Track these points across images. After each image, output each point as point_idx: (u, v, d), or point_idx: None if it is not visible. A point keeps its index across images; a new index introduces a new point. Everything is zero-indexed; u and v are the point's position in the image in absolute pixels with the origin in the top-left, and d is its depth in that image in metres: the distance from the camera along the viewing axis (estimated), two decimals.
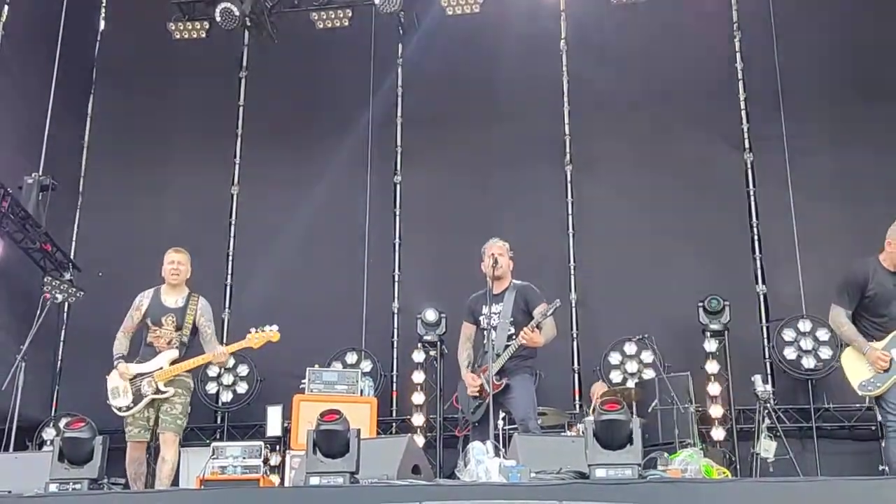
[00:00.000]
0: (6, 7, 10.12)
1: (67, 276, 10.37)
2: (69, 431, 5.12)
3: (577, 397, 10.02)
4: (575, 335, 10.27)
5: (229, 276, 11.13)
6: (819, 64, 10.53)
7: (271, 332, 7.31)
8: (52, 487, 5.02)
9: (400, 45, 11.62)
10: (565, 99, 11.04)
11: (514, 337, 6.46)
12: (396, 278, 10.90)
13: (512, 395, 6.42)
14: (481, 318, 6.66)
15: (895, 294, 6.05)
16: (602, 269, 10.50)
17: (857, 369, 6.11)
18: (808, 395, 9.47)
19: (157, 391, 6.90)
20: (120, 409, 6.96)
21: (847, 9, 10.51)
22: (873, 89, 10.21)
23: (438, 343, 9.89)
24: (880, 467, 7.64)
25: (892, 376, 5.95)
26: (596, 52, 11.07)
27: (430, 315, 9.92)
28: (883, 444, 7.30)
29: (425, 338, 9.93)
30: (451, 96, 11.21)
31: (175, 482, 9.61)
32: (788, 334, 9.54)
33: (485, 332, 6.55)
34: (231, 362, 10.13)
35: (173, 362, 6.95)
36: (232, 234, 11.29)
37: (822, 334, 9.33)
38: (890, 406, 5.95)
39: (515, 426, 6.65)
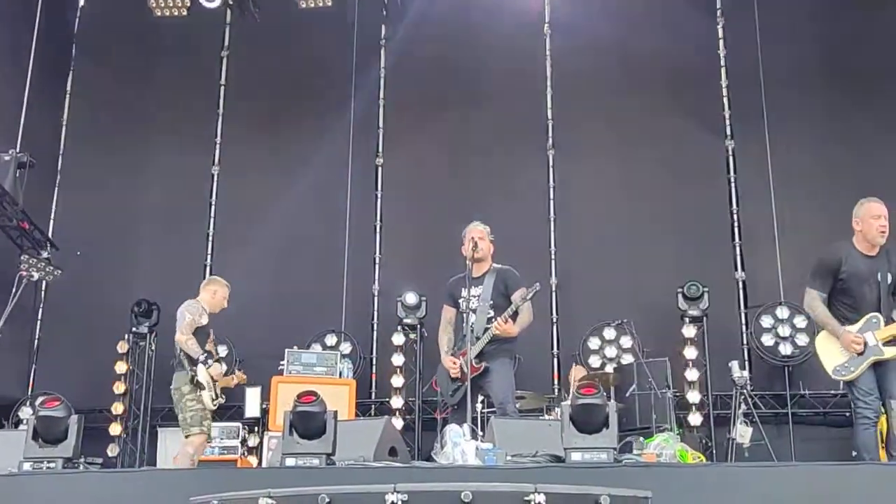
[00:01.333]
0: None
1: (45, 254, 10.28)
2: (43, 410, 5.09)
3: (555, 381, 10.05)
4: (554, 319, 10.30)
5: (209, 257, 11.08)
6: (801, 53, 10.56)
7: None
8: (27, 466, 4.99)
9: (384, 27, 11.55)
10: (548, 83, 11.01)
11: (493, 320, 6.46)
12: (377, 261, 10.88)
13: (490, 379, 6.44)
14: (461, 301, 6.66)
15: (868, 277, 6.10)
16: (582, 253, 10.52)
17: (832, 354, 6.13)
18: (784, 381, 9.54)
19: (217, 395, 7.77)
20: (214, 403, 7.72)
21: None
22: (853, 79, 10.28)
23: (418, 326, 9.89)
24: (853, 454, 7.71)
25: (866, 360, 6.00)
26: (580, 36, 11.02)
27: (411, 298, 9.92)
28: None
29: (405, 320, 9.93)
30: (434, 79, 11.16)
31: (153, 462, 9.67)
32: (766, 321, 9.61)
33: (464, 316, 6.55)
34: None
35: None
36: (212, 215, 11.23)
37: (800, 321, 9.41)
38: (860, 392, 6.01)
39: (494, 409, 6.66)
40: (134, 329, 10.25)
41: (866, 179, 9.78)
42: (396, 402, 9.76)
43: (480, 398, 6.77)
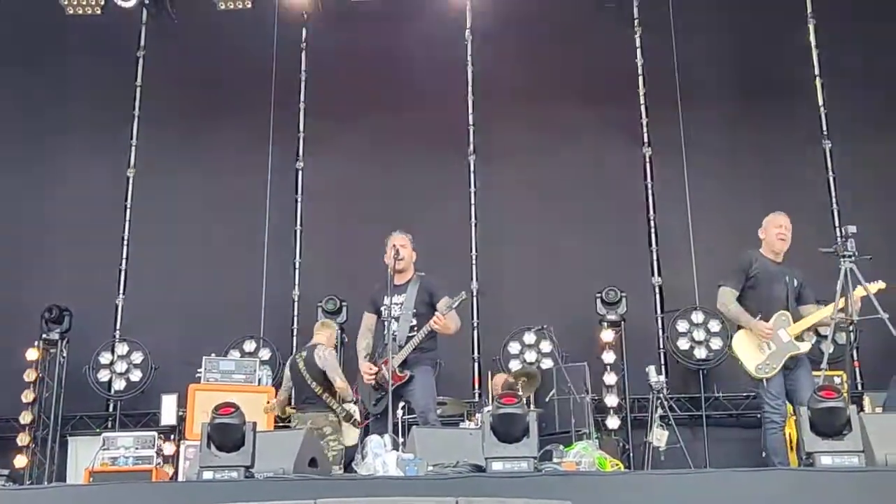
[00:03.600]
0: None
1: None
2: None
3: (476, 386, 10.09)
4: (475, 324, 10.33)
5: (124, 261, 10.80)
6: (716, 62, 10.83)
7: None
8: None
9: (304, 30, 11.43)
10: (469, 89, 11.06)
11: (416, 329, 6.45)
12: (297, 266, 10.76)
13: (412, 387, 6.42)
14: (383, 308, 6.63)
15: (776, 276, 6.45)
16: (503, 258, 10.59)
17: (751, 352, 6.35)
18: (699, 384, 9.76)
19: None
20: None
21: (741, 12, 10.81)
22: (765, 90, 10.57)
23: (339, 332, 9.80)
24: (762, 454, 7.94)
25: (784, 356, 6.25)
26: (501, 43, 11.11)
27: (331, 303, 9.84)
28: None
29: None
30: (355, 83, 11.09)
31: (62, 475, 9.39)
32: (682, 325, 9.81)
33: (385, 324, 6.52)
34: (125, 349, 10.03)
35: None
36: (127, 219, 10.94)
37: (714, 325, 9.64)
38: (769, 396, 6.26)
39: (415, 417, 6.65)
40: (44, 335, 9.92)
41: (776, 188, 10.14)
42: None
43: (401, 405, 6.75)
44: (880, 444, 4.71)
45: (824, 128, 10.46)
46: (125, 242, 10.86)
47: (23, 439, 9.62)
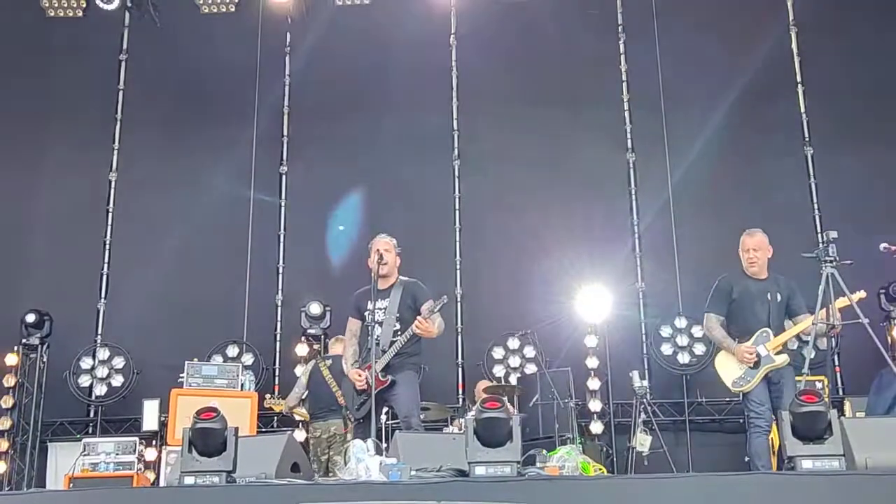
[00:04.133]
0: None
1: None
2: None
3: (460, 391, 10.08)
4: (459, 329, 10.33)
5: (106, 265, 10.73)
6: (699, 69, 10.85)
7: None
8: None
9: (288, 34, 11.41)
10: (454, 94, 11.07)
11: (399, 333, 6.42)
12: (280, 270, 10.73)
13: (395, 392, 6.39)
14: (367, 313, 6.60)
15: (757, 296, 6.57)
16: (487, 264, 10.60)
17: (729, 369, 6.55)
18: (682, 389, 9.79)
19: None
20: None
21: (724, 18, 10.88)
22: (748, 98, 10.60)
23: (322, 337, 9.78)
24: (745, 459, 7.97)
25: (760, 370, 6.40)
26: (485, 48, 11.13)
27: (315, 308, 9.82)
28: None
29: (309, 331, 9.82)
30: (339, 88, 11.09)
31: (42, 482, 9.31)
32: (665, 331, 9.85)
33: (369, 329, 6.49)
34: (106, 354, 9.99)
35: None
36: (109, 222, 10.88)
37: (697, 331, 9.67)
38: (753, 404, 6.41)
39: (398, 422, 6.62)
40: (24, 340, 9.84)
41: (759, 194, 10.21)
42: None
43: (385, 410, 6.72)
44: (860, 448, 4.75)
45: (806, 135, 10.53)
46: (107, 246, 10.80)
47: (2, 445, 9.53)
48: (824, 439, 4.70)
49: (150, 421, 9.26)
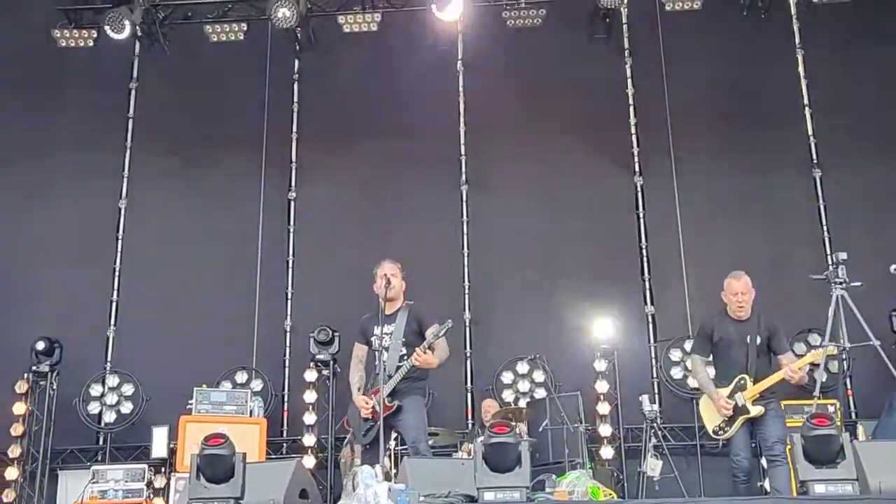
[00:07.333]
0: None
1: None
2: None
3: (469, 416, 10.04)
4: (468, 354, 10.30)
5: (115, 292, 10.75)
6: (706, 92, 10.89)
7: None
8: None
9: (296, 61, 11.49)
10: (461, 119, 11.10)
11: (405, 358, 6.41)
12: (289, 296, 10.73)
13: (402, 418, 6.37)
14: (373, 338, 6.60)
15: (737, 340, 6.70)
16: (495, 288, 10.57)
17: (711, 415, 6.77)
18: (692, 413, 9.69)
19: None
20: None
21: (730, 41, 10.92)
22: (753, 119, 10.63)
23: (331, 362, 9.77)
24: (759, 484, 7.94)
25: (737, 420, 6.57)
26: (492, 73, 11.18)
27: (323, 334, 9.80)
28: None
29: (318, 357, 9.80)
30: (347, 114, 11.13)
31: None
32: (675, 354, 9.81)
33: (376, 354, 6.48)
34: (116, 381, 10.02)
35: None
36: (119, 249, 10.92)
37: None
38: (731, 453, 6.64)
39: (406, 447, 6.60)
40: (34, 368, 9.84)
41: (768, 217, 10.21)
42: (309, 440, 9.59)
43: (394, 436, 6.70)
44: (874, 472, 4.70)
45: (814, 157, 10.52)
46: (117, 274, 10.83)
47: (11, 473, 9.52)
48: (837, 463, 4.66)
49: (158, 448, 9.25)
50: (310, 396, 9.70)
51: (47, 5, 11.13)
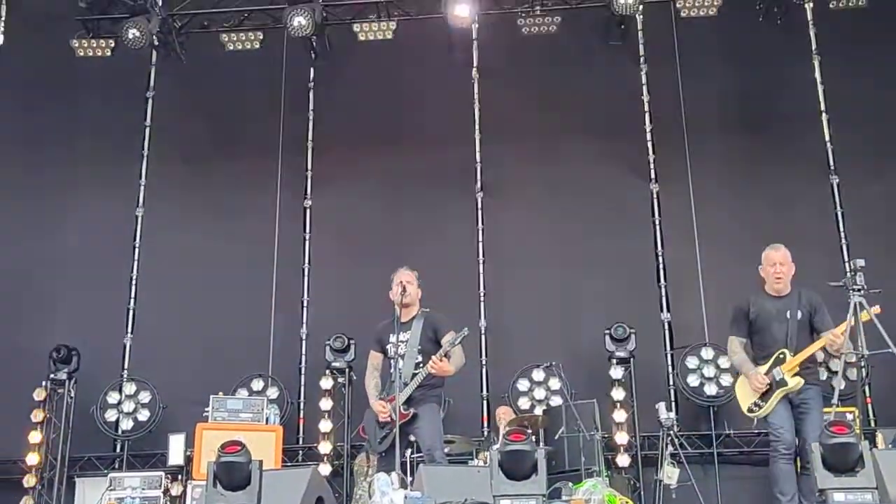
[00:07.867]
0: None
1: None
2: None
3: (485, 424, 10.02)
4: (484, 362, 10.28)
5: (132, 300, 10.81)
6: (722, 98, 10.86)
7: None
8: None
9: (312, 69, 11.54)
10: (476, 126, 11.10)
11: (421, 365, 6.41)
12: (305, 304, 10.75)
13: (418, 425, 6.37)
14: (389, 346, 6.60)
15: (775, 316, 6.48)
16: (511, 296, 10.55)
17: (745, 394, 6.52)
18: (709, 421, 9.66)
19: None
20: None
21: (746, 47, 10.89)
22: (770, 125, 10.59)
23: (347, 370, 9.78)
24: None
25: (774, 394, 6.32)
26: (507, 81, 11.19)
27: (339, 342, 9.81)
28: None
29: (333, 364, 9.81)
30: (363, 121, 11.17)
31: None
32: (692, 362, 9.75)
33: (392, 361, 6.49)
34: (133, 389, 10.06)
35: None
36: (136, 257, 10.97)
37: (724, 362, 9.54)
38: (771, 426, 6.34)
39: (422, 455, 6.59)
40: (52, 375, 9.90)
41: (785, 223, 10.12)
42: (325, 447, 9.60)
43: (411, 439, 6.70)
44: (893, 481, 4.66)
45: (831, 163, 10.47)
46: (133, 282, 10.88)
47: (29, 481, 9.57)
48: (856, 472, 4.62)
49: (175, 455, 9.27)
50: (325, 404, 9.71)
51: (66, 15, 11.21)
